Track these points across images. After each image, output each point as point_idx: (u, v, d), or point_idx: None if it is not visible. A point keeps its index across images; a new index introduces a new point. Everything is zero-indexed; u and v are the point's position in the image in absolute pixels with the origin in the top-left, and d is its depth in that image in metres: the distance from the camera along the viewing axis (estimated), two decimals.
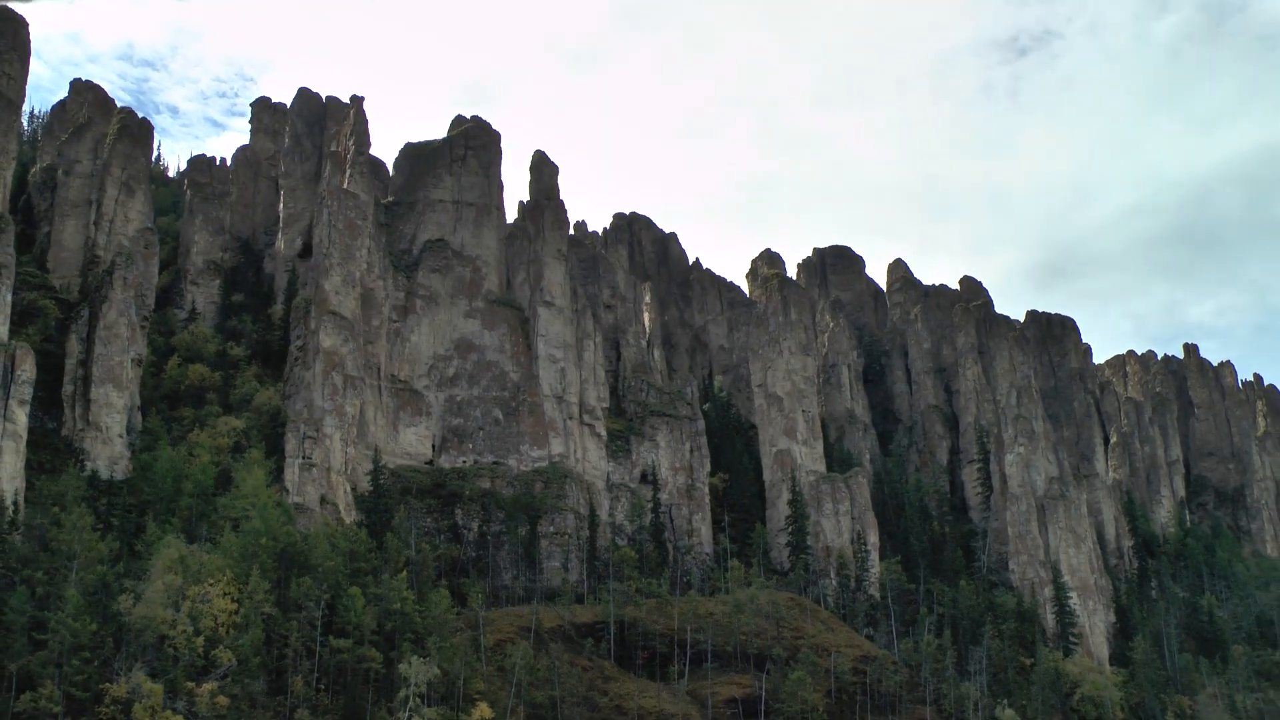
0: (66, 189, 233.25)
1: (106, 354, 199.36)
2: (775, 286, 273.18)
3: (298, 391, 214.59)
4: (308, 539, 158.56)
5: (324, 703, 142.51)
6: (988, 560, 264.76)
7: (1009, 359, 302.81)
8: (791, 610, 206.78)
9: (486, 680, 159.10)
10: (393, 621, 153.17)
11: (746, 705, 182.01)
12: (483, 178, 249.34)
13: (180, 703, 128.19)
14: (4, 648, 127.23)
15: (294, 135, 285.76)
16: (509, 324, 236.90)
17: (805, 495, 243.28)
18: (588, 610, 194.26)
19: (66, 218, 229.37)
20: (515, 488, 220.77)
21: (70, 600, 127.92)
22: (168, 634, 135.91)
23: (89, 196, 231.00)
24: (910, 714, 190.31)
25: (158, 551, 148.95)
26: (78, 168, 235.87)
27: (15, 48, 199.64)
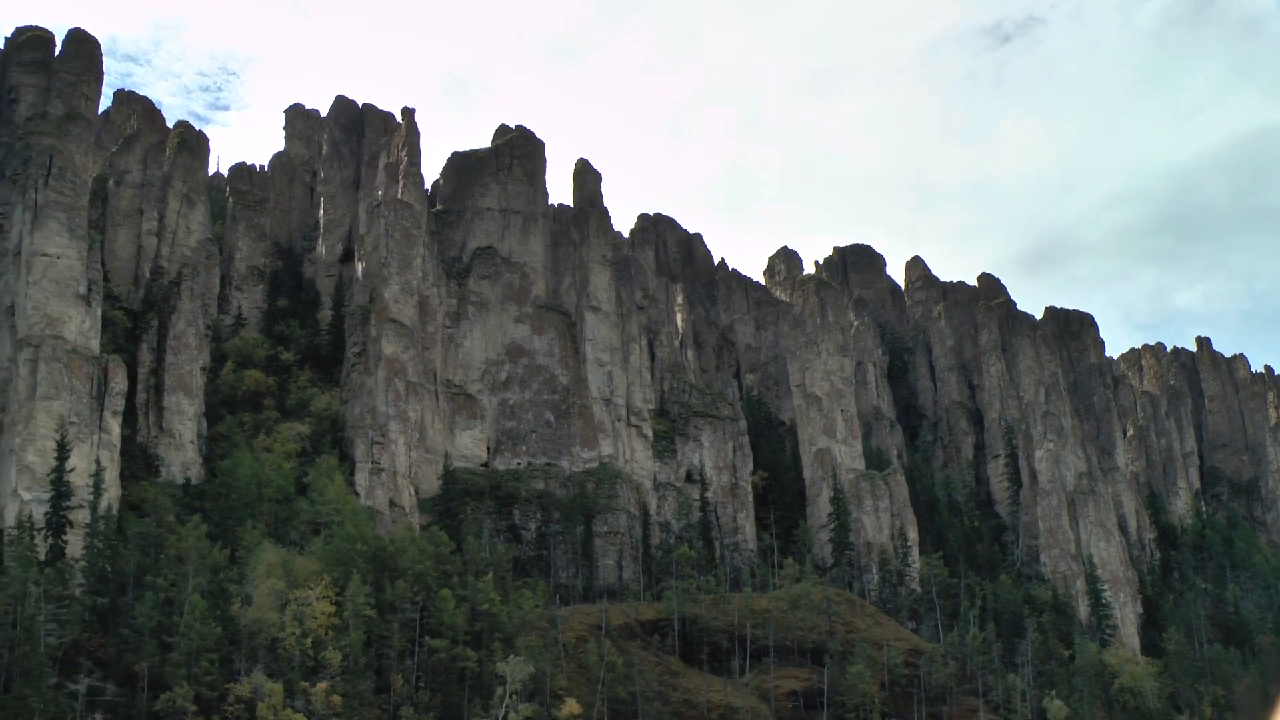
0: (118, 199, 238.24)
1: (177, 363, 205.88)
2: (811, 289, 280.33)
3: (356, 397, 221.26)
4: (395, 542, 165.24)
5: (423, 700, 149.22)
6: (1021, 555, 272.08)
7: (1032, 356, 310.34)
8: (840, 605, 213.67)
9: (568, 677, 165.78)
10: (481, 622, 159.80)
11: (807, 698, 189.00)
12: (528, 186, 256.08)
13: (299, 701, 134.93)
14: (134, 649, 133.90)
15: (332, 142, 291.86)
16: (557, 329, 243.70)
17: (846, 493, 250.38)
18: (650, 607, 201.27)
19: (119, 228, 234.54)
20: (568, 488, 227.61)
21: (195, 605, 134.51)
22: (278, 636, 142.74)
23: (140, 207, 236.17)
24: (961, 705, 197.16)
25: (257, 557, 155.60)
26: (128, 178, 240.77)
27: (90, 69, 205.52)
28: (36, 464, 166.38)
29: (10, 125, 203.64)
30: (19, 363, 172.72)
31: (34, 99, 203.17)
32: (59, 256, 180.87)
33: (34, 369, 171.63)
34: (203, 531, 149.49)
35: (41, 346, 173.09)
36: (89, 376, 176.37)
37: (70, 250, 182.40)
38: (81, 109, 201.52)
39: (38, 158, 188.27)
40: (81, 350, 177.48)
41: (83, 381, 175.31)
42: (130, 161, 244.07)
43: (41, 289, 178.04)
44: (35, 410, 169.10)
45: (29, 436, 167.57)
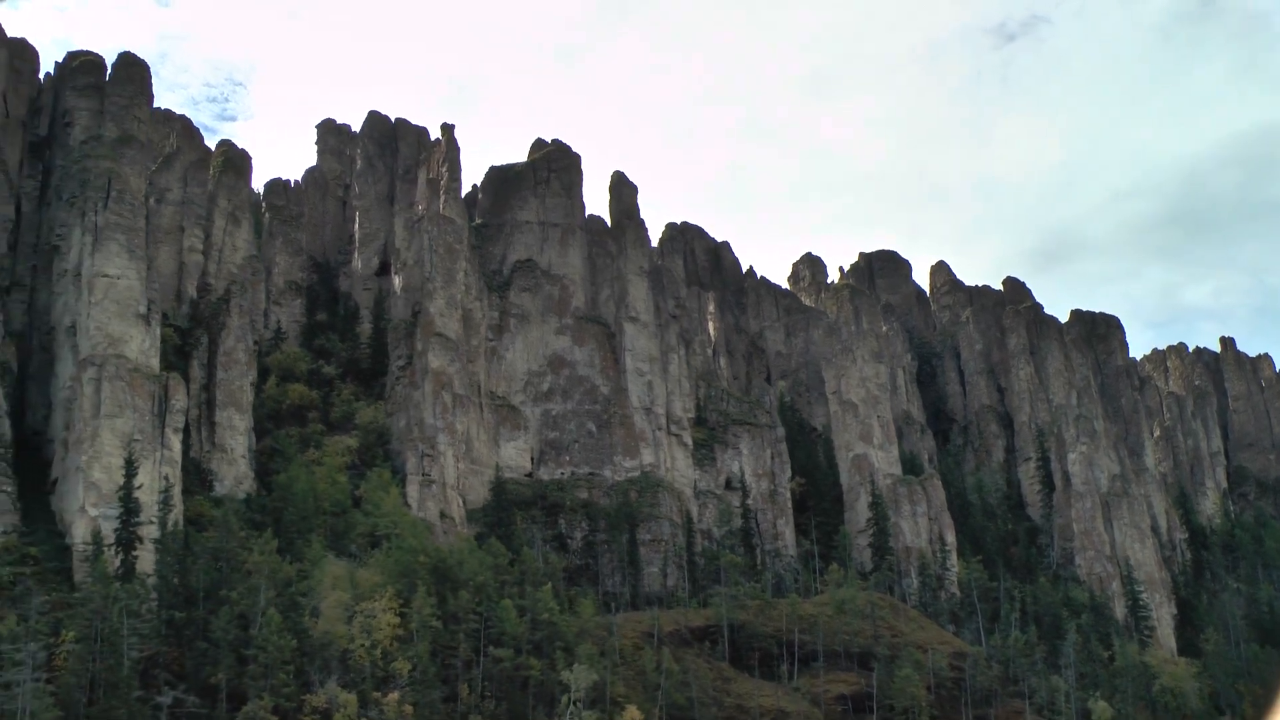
0: (159, 217, 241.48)
1: (227, 379, 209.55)
2: (846, 297, 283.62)
3: (402, 409, 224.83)
4: (455, 554, 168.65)
5: (489, 708, 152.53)
6: (1056, 557, 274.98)
7: (1061, 359, 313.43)
8: (884, 610, 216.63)
9: (625, 684, 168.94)
10: (542, 631, 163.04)
11: (855, 701, 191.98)
12: (565, 199, 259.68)
13: (372, 711, 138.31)
14: (212, 662, 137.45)
15: (366, 157, 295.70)
16: (597, 340, 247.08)
17: (884, 498, 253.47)
18: (698, 614, 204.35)
19: (160, 245, 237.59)
20: (611, 497, 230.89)
21: (271, 619, 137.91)
22: (348, 647, 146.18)
23: (181, 224, 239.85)
24: (1006, 707, 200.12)
25: (321, 569, 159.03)
26: (169, 196, 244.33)
27: (141, 92, 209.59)
28: (103, 481, 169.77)
29: (65, 149, 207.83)
30: (83, 382, 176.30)
31: (87, 122, 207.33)
32: (119, 277, 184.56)
33: (98, 388, 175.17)
34: (273, 546, 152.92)
35: (105, 366, 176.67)
36: (150, 394, 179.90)
37: (130, 271, 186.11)
38: (134, 131, 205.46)
39: (95, 180, 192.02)
40: (143, 369, 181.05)
41: (144, 399, 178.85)
42: (170, 179, 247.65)
43: (103, 309, 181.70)
44: (100, 428, 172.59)
45: (95, 454, 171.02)
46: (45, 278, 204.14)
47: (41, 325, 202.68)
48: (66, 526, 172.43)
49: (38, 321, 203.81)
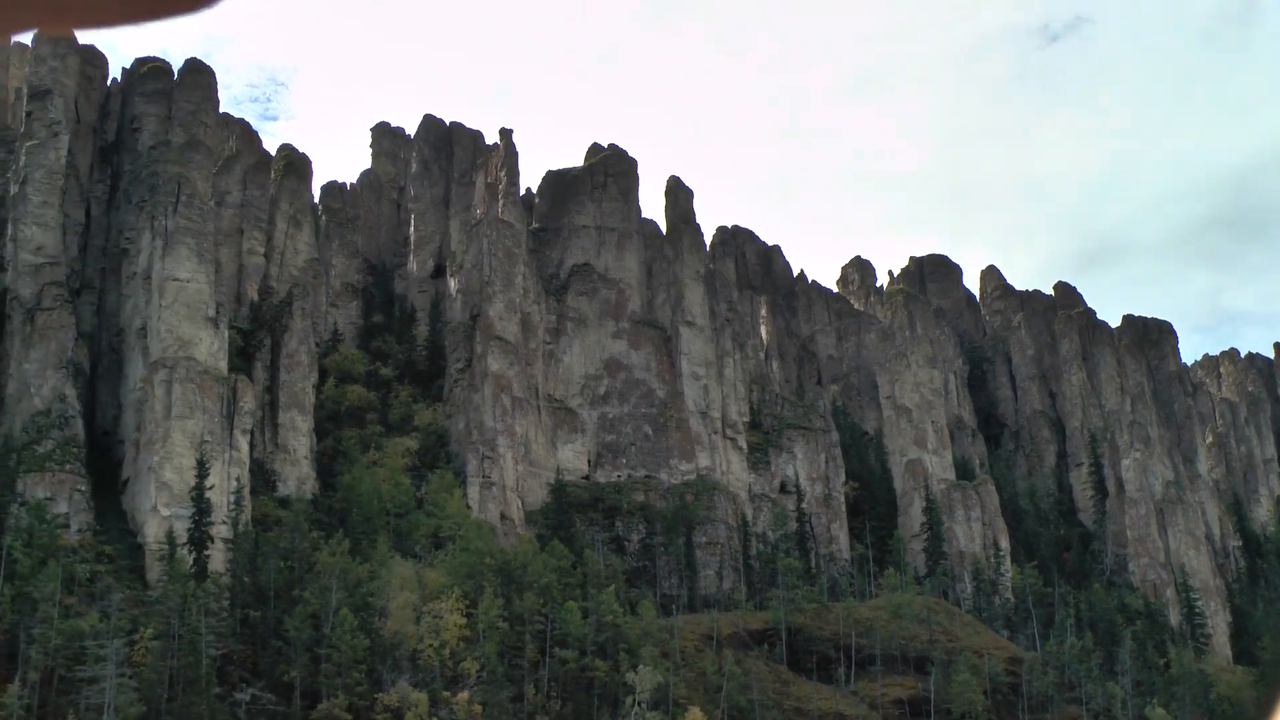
0: (219, 219, 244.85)
1: (290, 380, 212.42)
2: (900, 302, 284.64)
3: (461, 411, 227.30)
4: (519, 556, 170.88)
5: (554, 709, 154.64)
6: (1110, 563, 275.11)
7: (1114, 365, 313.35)
8: (939, 614, 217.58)
9: (688, 685, 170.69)
10: (605, 633, 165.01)
11: (912, 706, 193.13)
12: (622, 203, 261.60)
13: (443, 710, 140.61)
14: (287, 661, 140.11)
15: (421, 160, 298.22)
16: (653, 343, 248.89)
17: (938, 503, 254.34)
18: (756, 617, 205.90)
19: (220, 247, 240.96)
20: (668, 500, 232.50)
21: (345, 619, 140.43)
22: (417, 647, 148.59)
23: (240, 226, 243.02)
24: (1062, 714, 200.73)
25: (389, 570, 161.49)
26: (229, 199, 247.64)
27: (209, 98, 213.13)
28: (174, 481, 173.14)
29: (133, 153, 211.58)
30: (154, 384, 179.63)
31: (155, 128, 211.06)
32: (189, 280, 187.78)
33: (169, 390, 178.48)
34: (344, 547, 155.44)
35: (175, 368, 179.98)
36: (219, 396, 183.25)
37: (199, 274, 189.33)
38: (202, 136, 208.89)
39: (165, 185, 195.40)
40: (212, 371, 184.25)
41: (214, 401, 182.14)
42: (230, 182, 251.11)
43: (174, 312, 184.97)
44: (171, 430, 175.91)
45: (166, 455, 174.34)
46: (114, 280, 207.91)
47: (110, 327, 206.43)
48: (139, 526, 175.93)
49: (106, 323, 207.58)
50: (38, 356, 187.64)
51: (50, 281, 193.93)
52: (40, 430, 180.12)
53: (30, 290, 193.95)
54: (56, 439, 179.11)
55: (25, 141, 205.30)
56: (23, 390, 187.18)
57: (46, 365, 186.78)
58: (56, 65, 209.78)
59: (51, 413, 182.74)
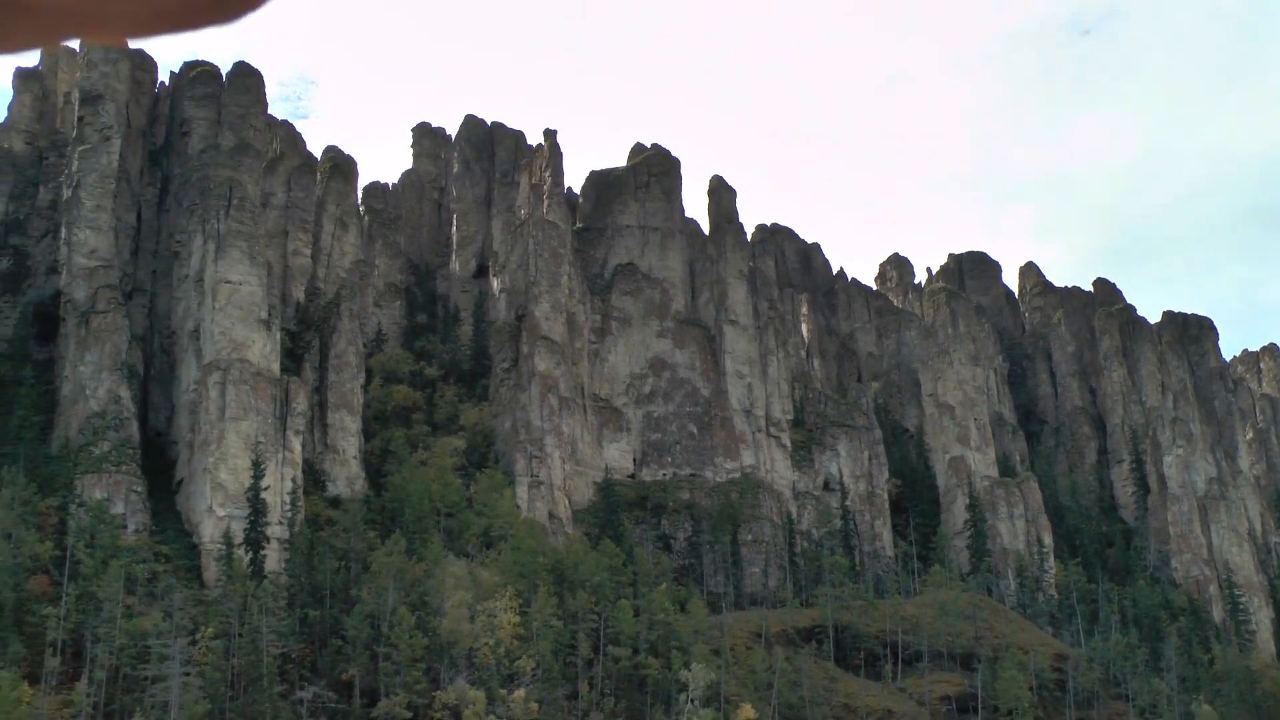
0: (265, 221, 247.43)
1: (339, 381, 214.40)
2: (942, 300, 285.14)
3: (507, 411, 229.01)
4: (572, 555, 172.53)
5: (609, 706, 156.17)
6: (1153, 560, 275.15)
7: (1154, 361, 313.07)
8: (984, 611, 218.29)
9: (739, 683, 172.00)
10: (657, 631, 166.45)
11: (959, 702, 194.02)
12: (665, 203, 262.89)
13: (500, 708, 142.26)
14: (347, 659, 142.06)
15: (463, 160, 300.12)
16: (697, 342, 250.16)
17: (981, 500, 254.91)
18: (804, 614, 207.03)
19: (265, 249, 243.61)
20: (713, 498, 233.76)
21: (403, 618, 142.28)
22: (473, 645, 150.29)
23: (285, 228, 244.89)
24: (1108, 710, 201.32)
25: (443, 569, 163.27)
26: (273, 200, 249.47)
27: (257, 101, 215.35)
28: (229, 482, 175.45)
29: (183, 157, 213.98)
30: (208, 386, 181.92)
31: (205, 131, 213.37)
32: (241, 283, 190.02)
33: (223, 391, 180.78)
34: (401, 547, 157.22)
35: (229, 370, 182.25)
36: (272, 398, 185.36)
37: (251, 277, 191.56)
38: (251, 140, 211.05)
39: (216, 189, 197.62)
40: (265, 373, 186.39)
41: (267, 403, 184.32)
42: (275, 184, 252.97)
43: (227, 314, 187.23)
44: (226, 431, 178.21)
45: (221, 456, 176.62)
46: (165, 283, 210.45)
47: (162, 329, 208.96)
48: (194, 526, 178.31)
49: (158, 325, 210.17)
50: (92, 359, 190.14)
51: (104, 285, 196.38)
52: (96, 432, 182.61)
53: (84, 293, 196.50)
54: (112, 440, 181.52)
55: (78, 146, 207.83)
56: (78, 392, 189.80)
57: (101, 367, 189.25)
58: (108, 70, 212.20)
59: (107, 414, 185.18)
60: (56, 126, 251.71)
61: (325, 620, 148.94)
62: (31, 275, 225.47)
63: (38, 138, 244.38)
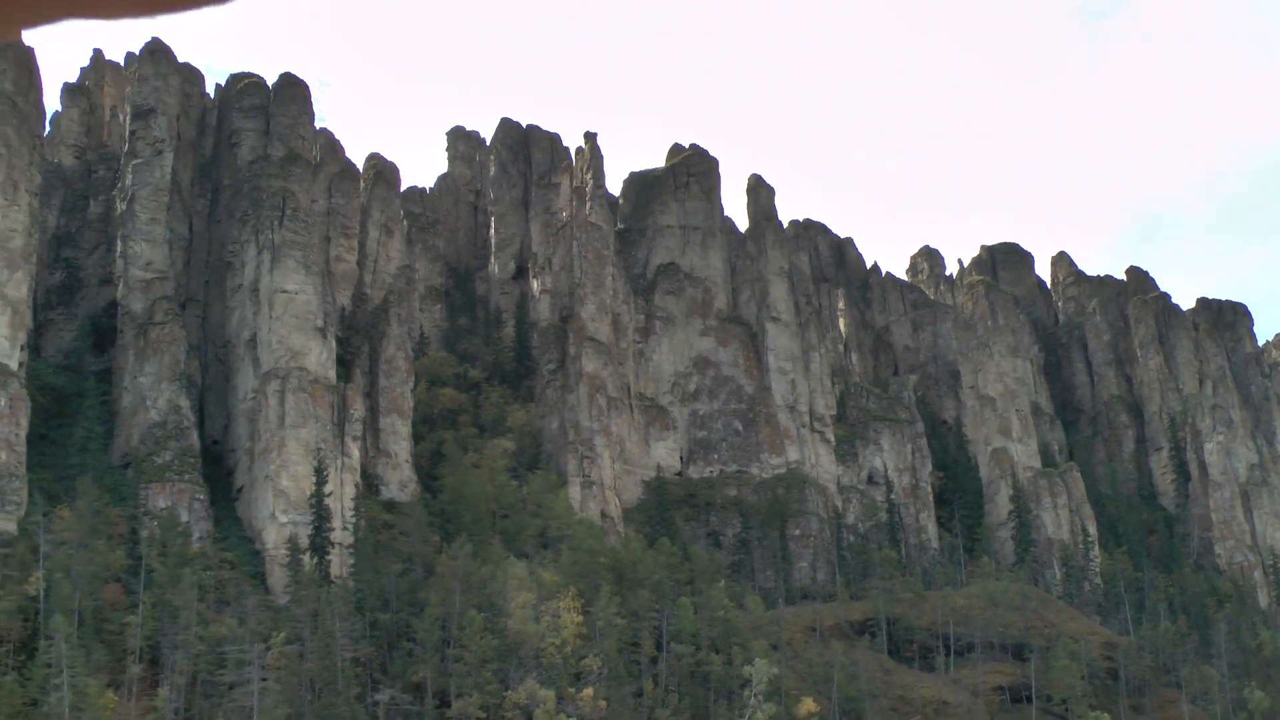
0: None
1: (389, 385, 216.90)
2: (981, 292, 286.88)
3: (554, 412, 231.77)
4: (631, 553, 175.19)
5: (673, 703, 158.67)
6: (1196, 547, 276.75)
7: (1191, 348, 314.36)
8: (1032, 601, 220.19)
9: (798, 676, 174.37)
10: (716, 627, 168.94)
11: (1012, 692, 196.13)
12: (705, 202, 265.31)
13: (569, 707, 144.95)
14: (418, 662, 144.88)
15: (500, 163, 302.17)
16: (740, 340, 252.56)
17: (1025, 491, 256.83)
18: (855, 607, 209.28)
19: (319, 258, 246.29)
20: (760, 494, 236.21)
21: (473, 620, 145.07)
22: (539, 646, 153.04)
23: (327, 234, 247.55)
24: (1160, 698, 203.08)
25: (505, 571, 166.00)
26: (315, 207, 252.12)
27: (305, 111, 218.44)
28: (290, 489, 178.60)
29: (232, 168, 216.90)
30: (267, 394, 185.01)
31: (254, 142, 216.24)
32: (297, 292, 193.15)
33: (282, 399, 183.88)
34: (468, 550, 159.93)
35: (288, 378, 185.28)
36: (330, 405, 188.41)
37: (307, 286, 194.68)
38: (300, 150, 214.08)
39: (270, 200, 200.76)
40: (322, 380, 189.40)
41: (325, 409, 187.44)
42: (316, 191, 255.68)
43: (284, 323, 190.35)
44: (286, 438, 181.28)
45: (282, 463, 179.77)
46: (218, 293, 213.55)
47: (216, 339, 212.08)
48: (256, 532, 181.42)
49: (212, 335, 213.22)
50: (151, 370, 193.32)
51: (161, 296, 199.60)
52: (158, 442, 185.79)
53: (141, 305, 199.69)
54: (174, 450, 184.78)
55: (130, 160, 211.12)
56: (138, 403, 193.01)
57: (160, 378, 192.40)
58: (159, 85, 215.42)
59: (167, 424, 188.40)
60: (103, 140, 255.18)
61: (396, 624, 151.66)
62: (84, 287, 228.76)
63: (86, 151, 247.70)
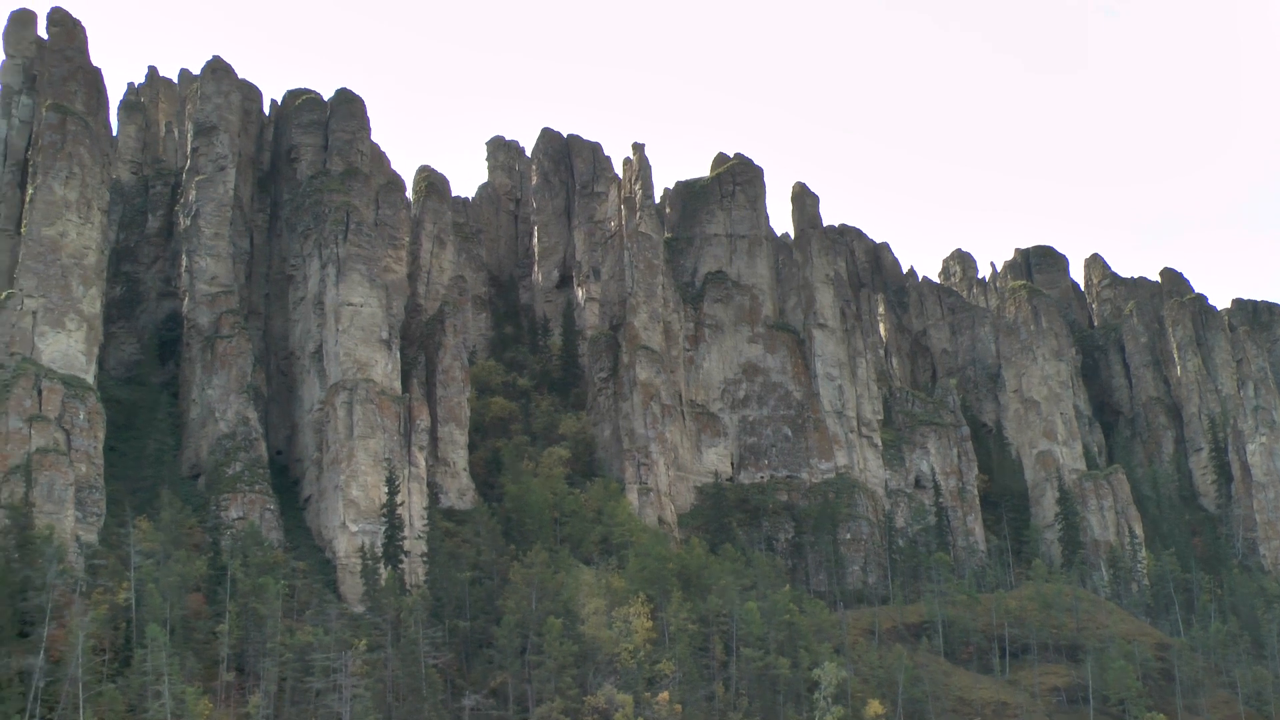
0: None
1: (446, 395, 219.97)
2: (1025, 297, 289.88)
3: (607, 420, 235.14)
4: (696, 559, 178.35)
5: (744, 706, 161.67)
6: (1240, 547, 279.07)
7: (1228, 349, 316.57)
8: (1083, 603, 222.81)
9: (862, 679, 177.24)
10: (781, 631, 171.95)
11: (1068, 693, 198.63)
12: (751, 211, 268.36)
13: (646, 710, 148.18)
14: (499, 668, 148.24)
15: (541, 173, 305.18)
16: (788, 346, 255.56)
17: (1072, 493, 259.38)
18: (912, 610, 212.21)
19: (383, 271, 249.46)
20: (810, 499, 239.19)
21: (551, 626, 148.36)
22: (612, 651, 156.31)
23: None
24: (1214, 698, 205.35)
25: (575, 578, 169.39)
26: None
27: (362, 126, 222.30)
28: (360, 498, 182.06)
29: (292, 182, 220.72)
30: (335, 405, 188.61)
31: (313, 157, 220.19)
32: (363, 305, 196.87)
33: (350, 410, 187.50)
34: (543, 558, 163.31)
35: (356, 390, 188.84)
36: (396, 415, 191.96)
37: (372, 299, 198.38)
38: (359, 165, 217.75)
39: (333, 214, 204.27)
40: (388, 391, 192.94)
41: (392, 420, 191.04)
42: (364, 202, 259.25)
43: (350, 336, 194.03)
44: (355, 449, 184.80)
45: (352, 473, 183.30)
46: (279, 305, 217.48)
47: (278, 350, 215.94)
48: (326, 542, 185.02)
49: (274, 347, 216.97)
50: (219, 382, 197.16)
51: (227, 310, 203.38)
52: (227, 453, 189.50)
53: (208, 319, 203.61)
54: (243, 461, 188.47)
55: (194, 176, 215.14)
56: (206, 415, 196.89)
57: (229, 390, 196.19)
58: (221, 102, 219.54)
59: (236, 435, 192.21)
60: (159, 155, 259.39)
61: (476, 630, 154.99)
62: (143, 301, 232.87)
63: (143, 167, 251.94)
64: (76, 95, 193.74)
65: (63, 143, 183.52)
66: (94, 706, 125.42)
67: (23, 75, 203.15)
